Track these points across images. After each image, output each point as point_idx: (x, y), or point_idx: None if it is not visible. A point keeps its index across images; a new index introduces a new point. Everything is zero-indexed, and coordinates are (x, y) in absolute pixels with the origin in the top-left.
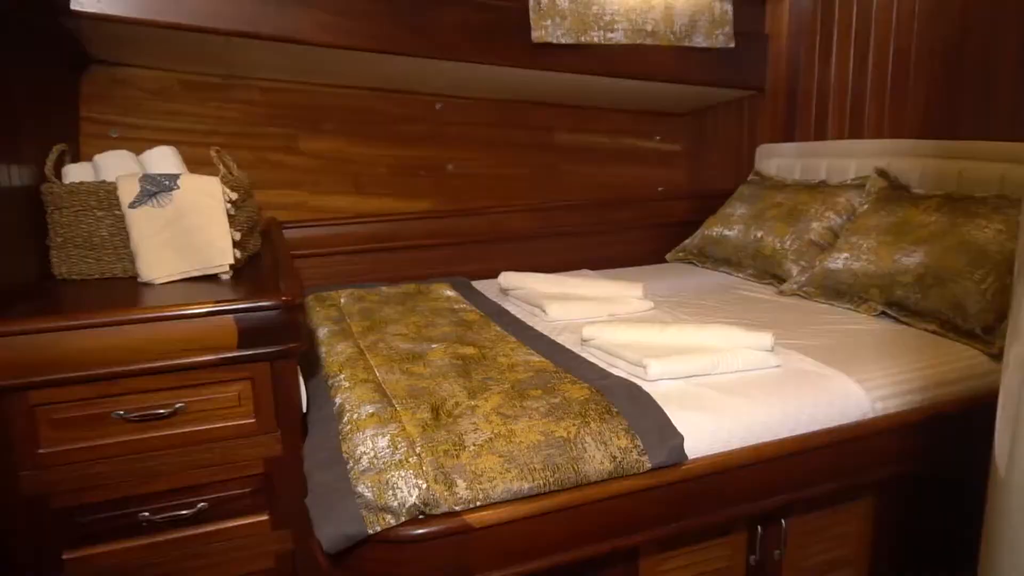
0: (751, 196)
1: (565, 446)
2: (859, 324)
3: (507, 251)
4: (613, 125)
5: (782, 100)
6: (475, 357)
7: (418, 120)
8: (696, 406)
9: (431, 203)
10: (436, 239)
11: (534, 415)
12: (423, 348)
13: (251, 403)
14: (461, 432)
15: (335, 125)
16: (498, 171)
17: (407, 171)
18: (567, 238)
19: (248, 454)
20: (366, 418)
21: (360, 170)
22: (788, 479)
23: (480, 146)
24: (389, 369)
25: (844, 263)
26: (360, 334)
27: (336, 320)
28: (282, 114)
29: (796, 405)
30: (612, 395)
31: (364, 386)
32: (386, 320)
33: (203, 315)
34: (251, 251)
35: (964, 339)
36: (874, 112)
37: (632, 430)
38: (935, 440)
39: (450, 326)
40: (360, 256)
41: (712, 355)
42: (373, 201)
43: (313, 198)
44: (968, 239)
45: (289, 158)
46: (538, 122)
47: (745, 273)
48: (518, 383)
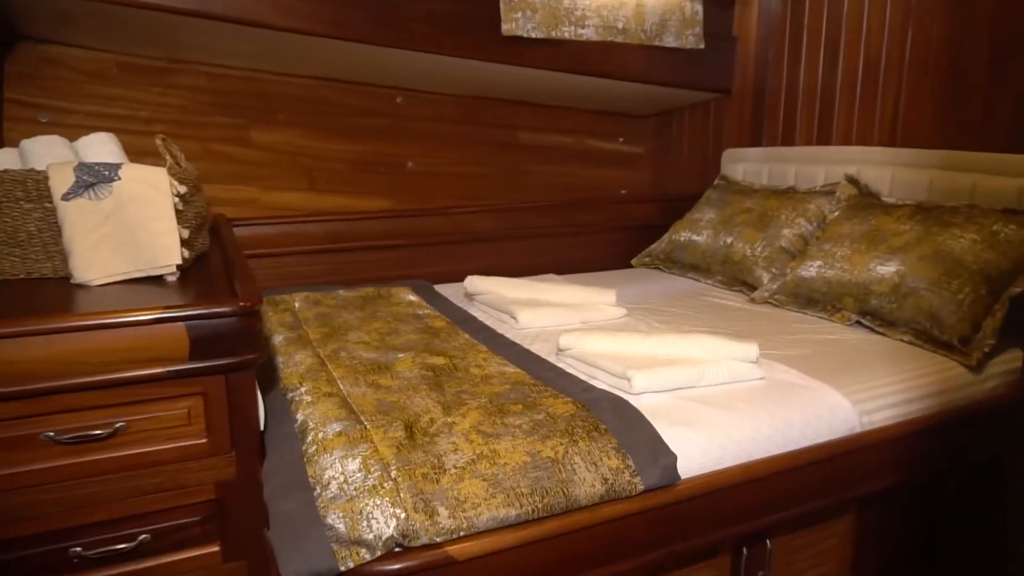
0: (719, 201)
1: (553, 467)
2: (834, 333)
3: (470, 253)
4: (577, 125)
5: (749, 104)
6: (446, 368)
7: (377, 114)
8: (685, 421)
9: (390, 202)
10: (395, 240)
11: (517, 433)
12: (389, 358)
13: (203, 421)
14: (440, 453)
15: (289, 116)
16: (460, 169)
17: (365, 167)
18: (532, 240)
19: (198, 478)
20: (333, 437)
21: (315, 165)
22: (779, 497)
23: (442, 143)
24: (354, 381)
25: (817, 271)
26: (319, 342)
27: (292, 326)
28: (232, 103)
29: (786, 420)
30: (599, 410)
31: (328, 401)
32: (346, 326)
33: (150, 322)
34: (199, 250)
35: (941, 350)
36: (843, 119)
37: (623, 449)
38: (919, 453)
39: (416, 333)
40: (315, 257)
41: (697, 367)
42: (329, 198)
43: (264, 194)
44: (943, 249)
45: (239, 150)
46: (502, 120)
47: (714, 279)
48: (495, 397)
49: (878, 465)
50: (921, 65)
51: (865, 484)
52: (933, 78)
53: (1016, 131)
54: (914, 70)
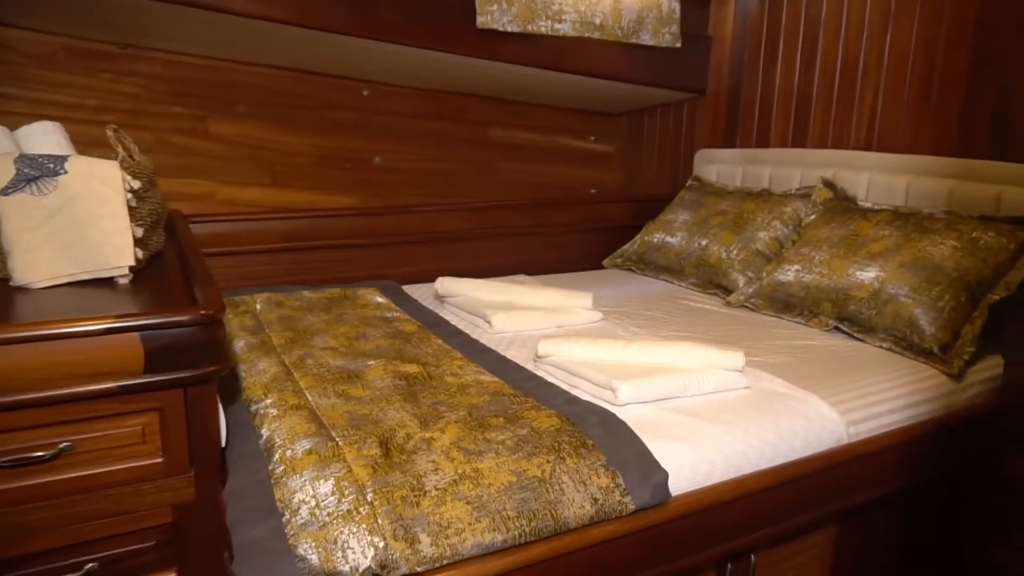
0: (693, 202)
1: (540, 488)
2: (813, 339)
3: (439, 253)
4: (548, 122)
5: (723, 105)
6: (420, 376)
7: (344, 107)
8: (674, 435)
9: (356, 198)
10: (362, 238)
11: (501, 450)
12: (359, 365)
13: (158, 439)
14: (419, 473)
15: (250, 108)
16: (428, 166)
17: (330, 162)
18: (502, 240)
19: (152, 501)
20: (302, 456)
21: (278, 159)
22: (769, 512)
23: (410, 138)
24: (322, 391)
25: (795, 275)
26: (283, 347)
27: (253, 330)
28: (190, 92)
29: (775, 432)
30: (585, 424)
31: (296, 414)
32: (311, 330)
33: (100, 333)
34: (154, 249)
35: (921, 358)
36: (819, 121)
37: (612, 466)
38: (904, 465)
39: (386, 338)
40: (277, 256)
41: (683, 376)
42: (292, 194)
43: (224, 189)
44: (923, 255)
45: (196, 142)
46: (472, 116)
47: (687, 282)
48: (474, 409)
49: (865, 477)
50: (899, 69)
51: (852, 496)
52: (911, 83)
53: (993, 138)
54: (892, 74)
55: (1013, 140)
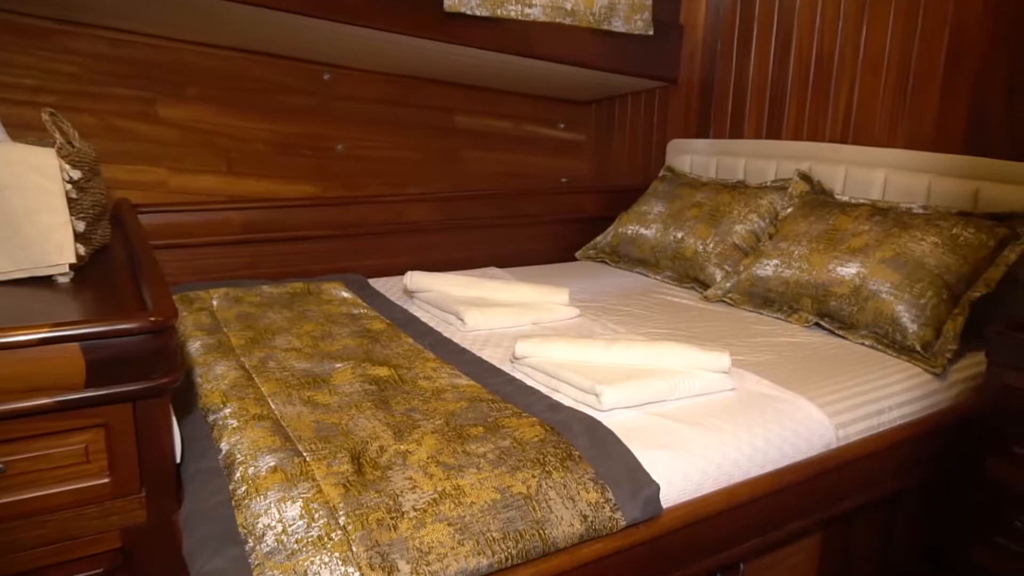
0: (667, 194)
1: (526, 505)
2: (794, 336)
3: (405, 245)
4: (516, 110)
5: (696, 94)
6: (391, 380)
7: (303, 91)
8: (661, 443)
9: (317, 188)
10: (324, 229)
11: (483, 464)
12: (325, 368)
13: (104, 458)
14: (395, 492)
15: (202, 90)
16: (392, 154)
17: (289, 149)
18: (471, 231)
19: (99, 525)
20: (267, 474)
21: (233, 146)
22: (761, 522)
23: (373, 125)
24: (287, 398)
25: (774, 270)
26: (243, 349)
27: (210, 329)
28: (136, 73)
29: (764, 437)
30: (570, 433)
31: (258, 425)
32: (272, 329)
33: (35, 343)
34: (98, 244)
35: (904, 356)
36: (794, 113)
37: (601, 479)
38: (893, 468)
39: (353, 337)
40: (234, 248)
41: (668, 379)
42: (248, 183)
43: (175, 177)
44: (904, 251)
45: (144, 127)
46: (437, 102)
47: (663, 275)
48: (451, 417)
49: (855, 482)
50: (876, 61)
51: (842, 503)
52: (887, 76)
53: (971, 133)
54: (868, 66)
55: (989, 135)
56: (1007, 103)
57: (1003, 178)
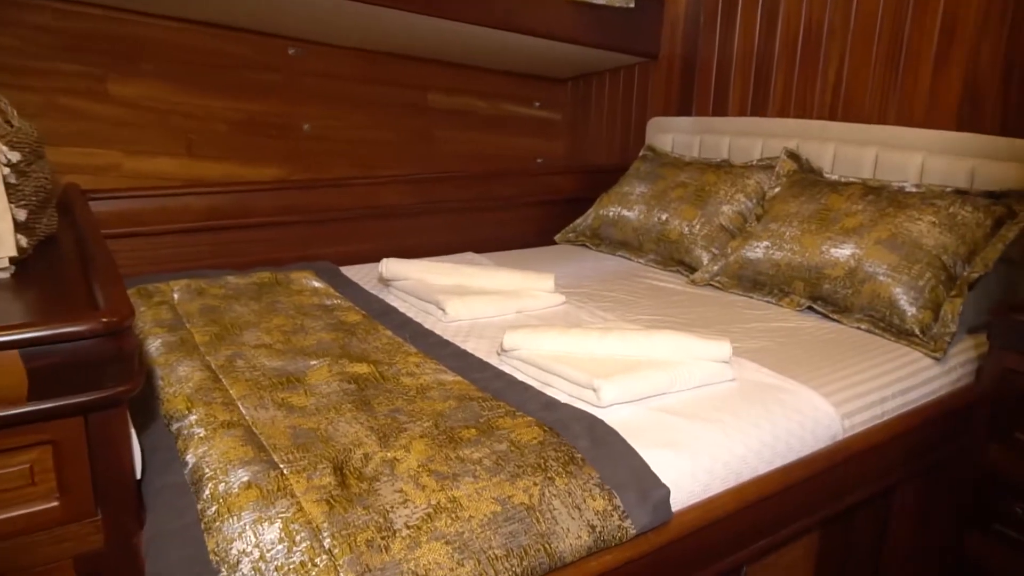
0: (650, 174)
1: (529, 517)
2: (788, 321)
3: (377, 230)
4: (490, 87)
5: (677, 70)
6: (371, 377)
7: (266, 67)
8: (666, 441)
9: (283, 170)
10: (292, 215)
11: (479, 472)
12: (300, 366)
13: (53, 478)
14: (385, 507)
15: (157, 66)
16: (362, 134)
17: (253, 130)
18: (446, 215)
19: (49, 554)
20: (240, 491)
21: (192, 126)
22: (770, 521)
23: (342, 103)
24: (258, 401)
25: (764, 252)
26: (208, 346)
27: (171, 325)
28: (84, 47)
29: (772, 432)
30: (570, 434)
31: (228, 434)
32: (239, 323)
33: None
34: (44, 233)
35: (903, 340)
36: (780, 89)
37: (607, 485)
38: (898, 458)
39: (327, 331)
40: (195, 236)
41: (667, 371)
42: (210, 166)
43: (130, 160)
44: (901, 232)
45: (94, 106)
46: (409, 80)
47: (647, 258)
48: (440, 418)
49: (860, 475)
50: (866, 34)
51: (847, 496)
52: (878, 49)
53: (965, 109)
54: (858, 39)
55: (986, 111)
56: (1004, 77)
57: (999, 155)
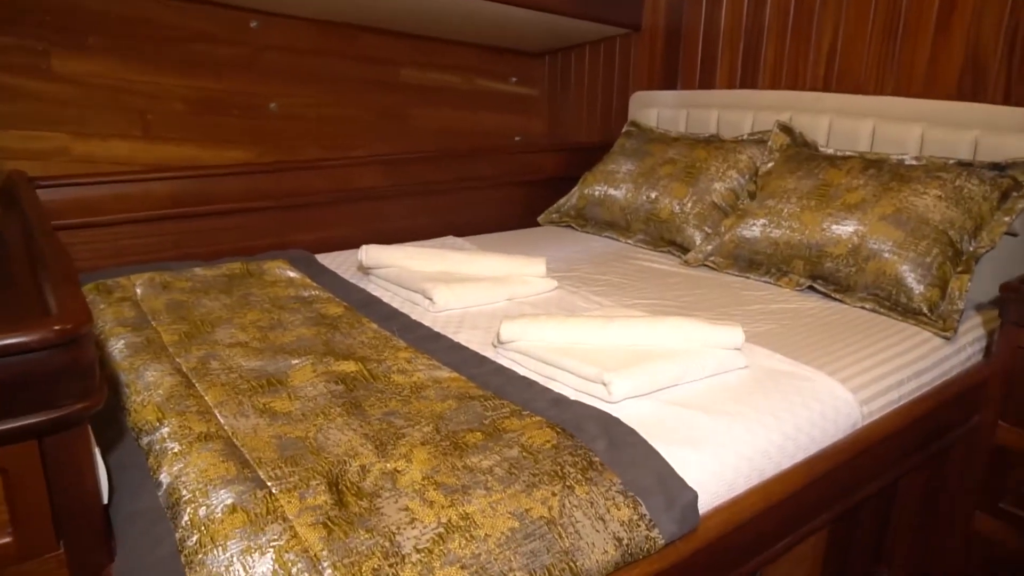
0: (636, 150)
1: (551, 532)
2: (789, 302)
3: (352, 214)
4: (465, 62)
5: (661, 42)
6: (360, 377)
7: (227, 41)
8: (685, 438)
9: (249, 153)
10: (261, 200)
11: (491, 483)
12: (280, 366)
13: (4, 511)
14: (391, 529)
15: (106, 40)
16: (333, 112)
17: (215, 109)
18: (425, 197)
19: None
20: (224, 516)
21: (147, 106)
22: (792, 519)
23: (310, 80)
24: (238, 408)
25: (762, 230)
26: (177, 346)
27: (135, 324)
28: (21, 19)
29: (792, 423)
30: (584, 434)
31: (205, 448)
32: (210, 319)
33: None
34: None
35: (910, 319)
36: (771, 60)
37: (630, 491)
38: (917, 443)
39: (307, 326)
40: (157, 225)
41: (678, 360)
42: (168, 149)
43: (79, 143)
44: (907, 207)
45: (37, 84)
46: (380, 53)
47: (635, 239)
48: (440, 421)
49: (880, 463)
50: (862, 1)
51: (867, 486)
52: (875, 15)
53: (966, 78)
54: (854, 6)
55: (988, 80)
56: (1008, 43)
57: (1002, 126)
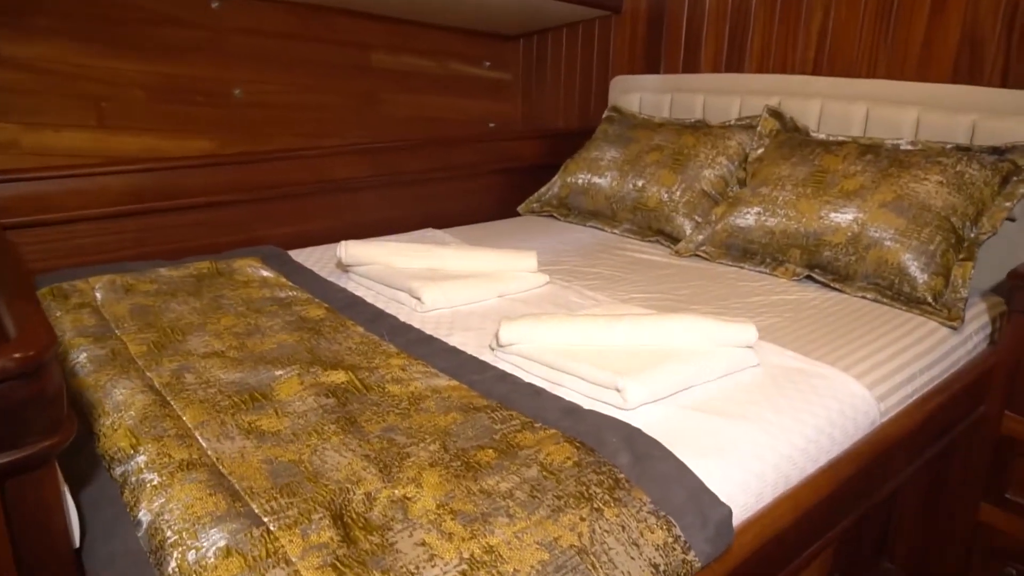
0: (620, 137)
1: (583, 563)
2: (789, 293)
3: (325, 207)
4: (437, 45)
5: (643, 24)
6: (352, 388)
7: (188, 23)
8: (708, 446)
9: (213, 142)
10: (228, 193)
11: (514, 509)
12: (263, 378)
13: None
14: (408, 569)
15: (56, 22)
16: (301, 98)
17: (176, 96)
18: (399, 188)
19: None
20: (217, 562)
21: (104, 93)
22: (820, 528)
23: (277, 64)
24: (221, 429)
25: (756, 219)
26: (146, 358)
27: (97, 334)
28: None
29: (813, 424)
30: (606, 449)
31: (189, 478)
32: (180, 326)
33: None
34: None
35: (915, 309)
36: (759, 43)
37: (662, 511)
38: (931, 438)
39: (288, 331)
40: (117, 222)
41: (691, 361)
42: (127, 139)
43: (29, 134)
44: (908, 194)
45: None
46: (349, 36)
47: (622, 228)
48: (445, 436)
49: (898, 460)
50: None
51: (886, 484)
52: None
53: (962, 60)
54: None
55: (986, 62)
56: (1007, 24)
57: (1001, 109)
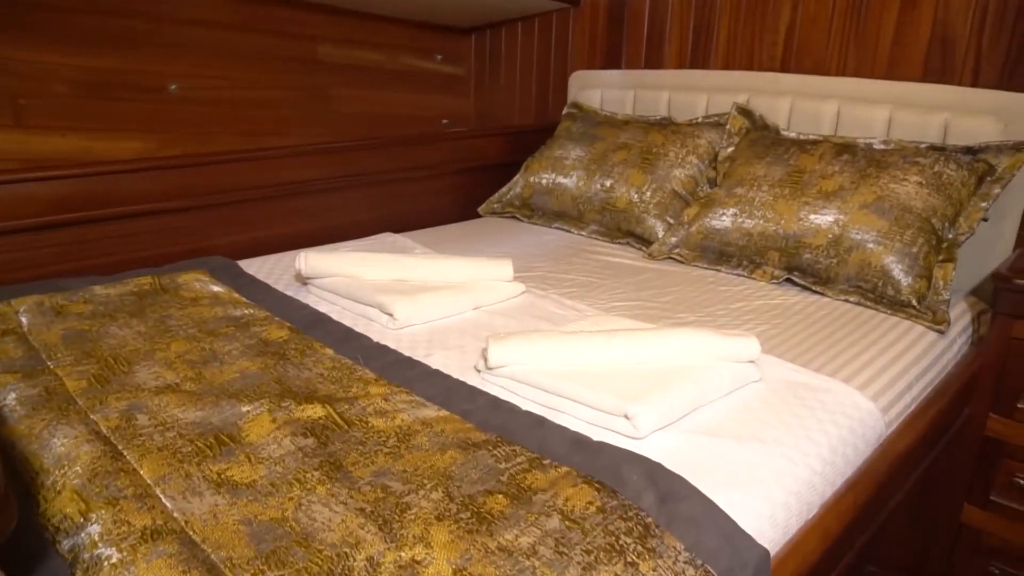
0: (583, 135)
1: None
2: (771, 297)
3: (275, 212)
4: (387, 38)
5: (604, 17)
6: (331, 424)
7: (116, 11)
8: (727, 478)
9: (147, 143)
10: (167, 200)
11: (541, 569)
12: (227, 415)
13: None
14: None
15: None
16: (246, 94)
17: (104, 91)
18: (353, 190)
19: None
20: None
21: (20, 87)
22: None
23: (216, 57)
24: (185, 482)
25: (733, 221)
26: (87, 396)
27: (26, 368)
28: None
29: (828, 444)
30: (628, 489)
31: (156, 552)
32: (123, 354)
33: None
34: None
35: (900, 312)
36: (725, 38)
37: (698, 560)
38: (929, 447)
39: (249, 356)
40: (41, 235)
41: (695, 380)
42: (49, 140)
43: None
44: (887, 194)
45: None
46: (295, 28)
47: (589, 230)
48: (447, 480)
49: (903, 473)
50: None
51: (892, 499)
52: None
53: (934, 58)
54: None
55: (956, 60)
56: (977, 23)
57: (972, 108)
